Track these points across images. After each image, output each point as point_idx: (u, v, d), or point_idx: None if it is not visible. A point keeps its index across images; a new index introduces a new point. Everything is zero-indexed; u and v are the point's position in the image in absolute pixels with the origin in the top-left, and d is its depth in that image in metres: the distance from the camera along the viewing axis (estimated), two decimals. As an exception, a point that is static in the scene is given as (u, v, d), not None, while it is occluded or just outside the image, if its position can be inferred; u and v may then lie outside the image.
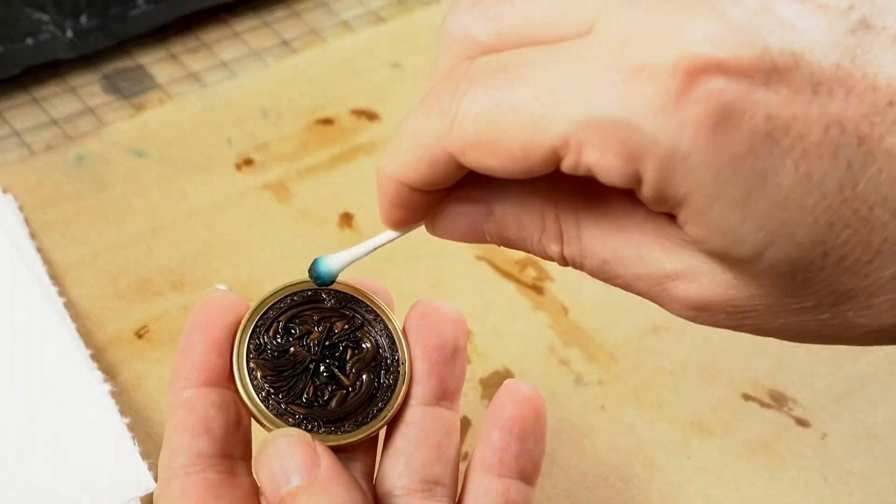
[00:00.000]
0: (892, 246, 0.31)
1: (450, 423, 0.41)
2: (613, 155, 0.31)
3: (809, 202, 0.30)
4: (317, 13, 0.73)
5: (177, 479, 0.37)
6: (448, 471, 0.40)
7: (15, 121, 0.65)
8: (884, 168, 0.30)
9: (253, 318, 0.40)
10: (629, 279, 0.35)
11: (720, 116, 0.30)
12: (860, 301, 0.32)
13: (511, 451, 0.40)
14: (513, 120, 0.32)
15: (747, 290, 0.33)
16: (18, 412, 0.50)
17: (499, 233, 0.36)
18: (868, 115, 0.30)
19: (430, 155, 0.34)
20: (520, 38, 0.33)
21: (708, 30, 0.30)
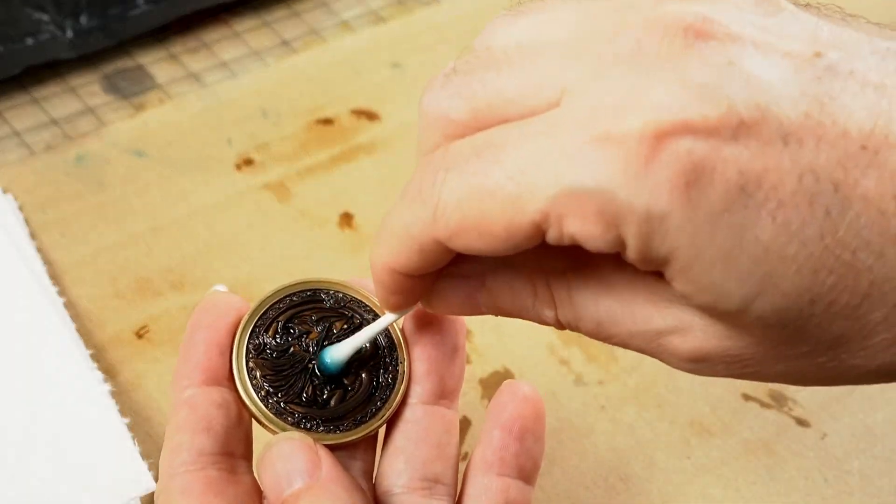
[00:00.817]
0: (879, 288, 0.31)
1: (449, 421, 0.41)
2: (593, 224, 0.31)
3: (791, 252, 0.30)
4: (317, 13, 0.73)
5: (178, 477, 0.38)
6: (448, 469, 0.40)
7: (15, 121, 0.65)
8: (861, 212, 0.30)
9: (252, 317, 0.40)
10: (625, 337, 0.35)
11: (692, 175, 0.30)
12: (854, 344, 0.32)
13: (511, 450, 0.40)
14: (492, 203, 0.32)
15: (741, 340, 0.33)
16: (18, 412, 0.50)
17: (493, 303, 0.37)
18: (841, 161, 0.30)
19: (419, 244, 0.34)
20: (493, 114, 0.33)
21: (672, 92, 0.30)
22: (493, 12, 0.75)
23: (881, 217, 0.30)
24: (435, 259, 0.35)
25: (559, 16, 0.34)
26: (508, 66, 0.33)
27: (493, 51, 0.34)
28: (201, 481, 0.37)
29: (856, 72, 0.31)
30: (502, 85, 0.33)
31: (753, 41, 0.31)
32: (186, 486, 0.37)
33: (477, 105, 0.34)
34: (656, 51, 0.31)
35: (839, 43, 0.32)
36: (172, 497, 0.37)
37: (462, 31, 0.71)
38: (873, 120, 0.30)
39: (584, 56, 0.32)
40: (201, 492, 0.37)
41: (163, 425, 0.52)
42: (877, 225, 0.30)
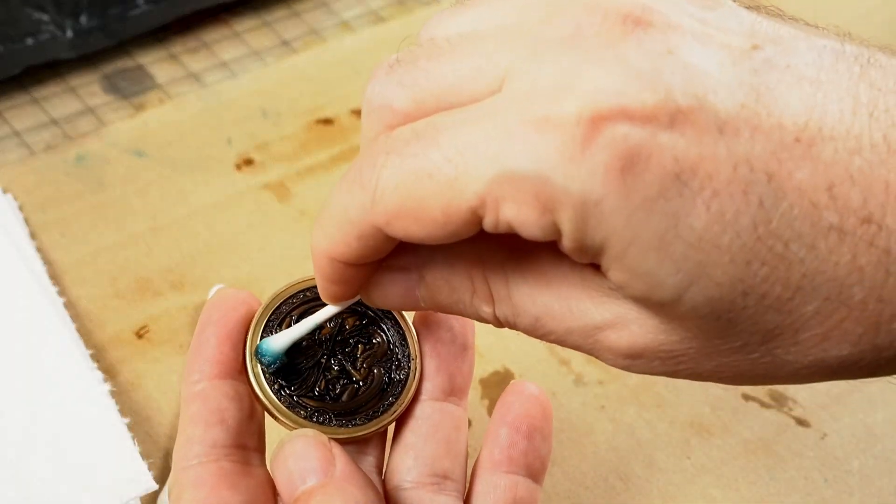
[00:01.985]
0: (810, 281, 0.31)
1: (458, 418, 0.41)
2: (529, 208, 0.31)
3: (724, 241, 0.30)
4: (317, 13, 0.73)
5: (191, 469, 0.38)
6: (457, 465, 0.40)
7: (15, 121, 0.65)
8: (795, 204, 0.30)
9: (266, 312, 0.40)
10: (562, 334, 0.35)
11: (627, 161, 0.30)
12: (787, 338, 0.32)
13: (519, 448, 0.40)
14: (430, 186, 0.32)
15: (675, 333, 0.33)
16: (18, 412, 0.50)
17: (431, 298, 0.37)
18: (776, 153, 0.30)
19: (358, 230, 0.34)
20: (436, 102, 0.33)
21: (610, 77, 0.30)
22: (493, 12, 0.75)
23: (813, 209, 0.30)
24: (374, 247, 0.35)
25: (501, 5, 0.34)
26: (450, 54, 0.33)
27: (435, 40, 0.34)
28: (214, 473, 0.38)
29: (792, 66, 0.31)
30: (444, 73, 0.33)
31: (692, 32, 0.31)
32: (199, 478, 0.37)
33: (419, 94, 0.34)
34: (595, 35, 0.31)
35: (777, 38, 0.32)
36: (185, 489, 0.37)
37: (462, 31, 0.71)
38: (808, 113, 0.30)
39: (523, 40, 0.32)
40: (214, 484, 0.37)
41: (163, 425, 0.52)
42: (809, 217, 0.30)
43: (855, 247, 0.30)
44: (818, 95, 0.31)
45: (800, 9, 0.72)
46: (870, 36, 0.33)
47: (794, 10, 0.35)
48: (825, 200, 0.30)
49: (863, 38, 0.33)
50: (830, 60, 0.31)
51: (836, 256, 0.30)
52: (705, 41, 0.31)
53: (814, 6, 0.75)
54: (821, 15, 0.71)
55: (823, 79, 0.31)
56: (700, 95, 0.30)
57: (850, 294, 0.31)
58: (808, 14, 0.33)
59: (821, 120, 0.30)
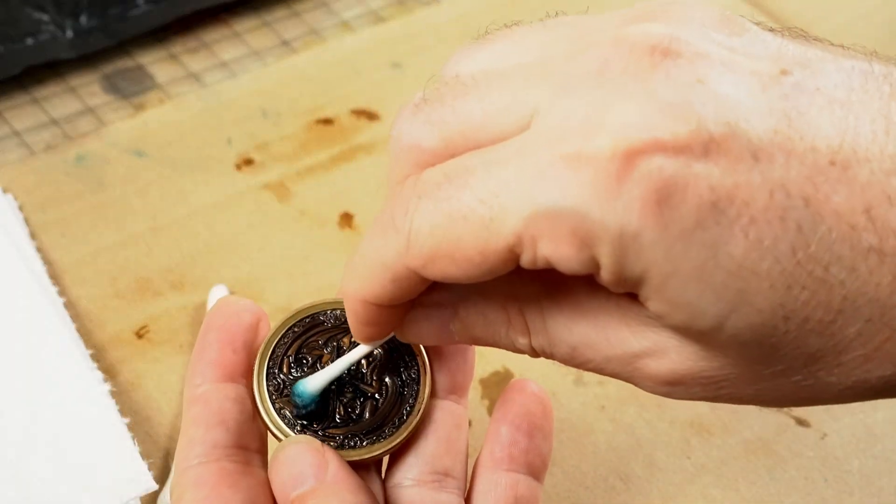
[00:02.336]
0: (852, 303, 0.31)
1: (459, 416, 0.41)
2: (567, 245, 0.31)
3: (764, 268, 0.30)
4: (317, 13, 0.73)
5: (191, 470, 0.38)
6: (458, 463, 0.40)
7: (15, 121, 0.65)
8: (833, 227, 0.30)
9: (263, 361, 0.40)
10: (600, 362, 0.35)
11: (663, 193, 0.30)
12: (829, 360, 0.32)
13: (520, 446, 0.40)
14: (465, 228, 0.32)
15: (716, 360, 0.33)
16: (18, 412, 0.50)
17: (466, 331, 0.37)
18: (811, 177, 0.30)
19: (392, 273, 0.34)
20: (464, 140, 0.33)
21: (641, 110, 0.30)
22: (492, 13, 0.76)
23: (852, 231, 0.30)
24: (408, 288, 0.35)
25: (526, 40, 0.34)
26: (476, 91, 0.33)
27: (461, 78, 0.34)
28: (215, 473, 0.38)
29: (822, 88, 0.31)
30: (471, 111, 0.33)
31: (721, 60, 0.31)
32: (200, 478, 0.38)
33: (448, 133, 0.34)
34: (623, 69, 0.31)
35: (804, 61, 0.32)
36: (186, 489, 0.38)
37: (462, 31, 0.71)
38: (841, 136, 0.30)
39: (551, 76, 0.32)
40: (214, 483, 0.37)
41: (163, 425, 0.52)
42: (848, 240, 0.30)
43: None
44: (850, 117, 0.31)
45: (801, 9, 0.72)
46: (870, 36, 0.33)
47: (795, 11, 0.35)
48: (863, 222, 0.30)
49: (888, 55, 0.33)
50: (860, 81, 0.31)
51: (877, 277, 0.30)
52: (734, 68, 0.31)
53: (814, 6, 0.75)
54: (821, 15, 0.71)
55: (854, 100, 0.31)
56: (732, 123, 0.30)
57: (892, 315, 0.31)
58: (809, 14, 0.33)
59: (854, 142, 0.30)
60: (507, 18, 0.74)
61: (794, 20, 0.72)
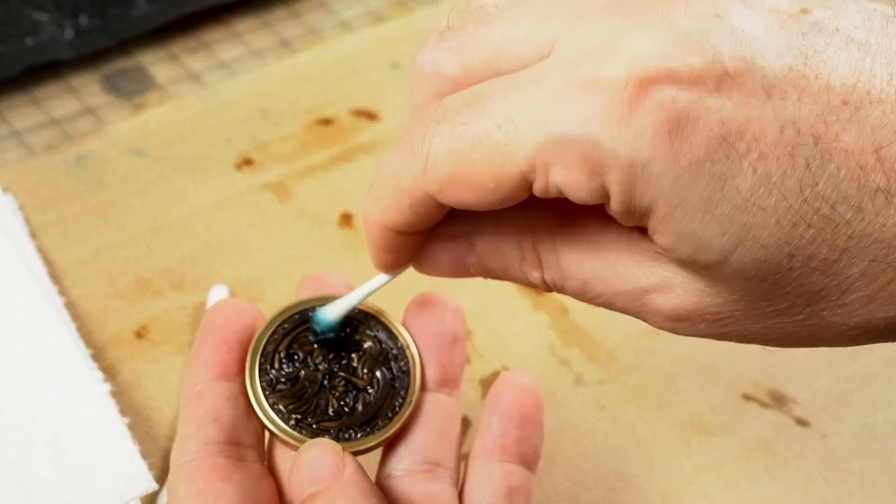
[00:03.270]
0: (857, 243, 0.31)
1: (451, 408, 0.41)
2: (578, 171, 0.31)
3: (770, 203, 0.31)
4: (317, 13, 0.73)
5: (185, 466, 0.38)
6: (450, 454, 0.41)
7: (15, 121, 0.65)
8: (841, 166, 0.30)
9: (255, 357, 0.40)
10: (610, 297, 0.35)
11: (675, 124, 0.30)
12: (833, 300, 0.32)
13: (512, 436, 0.41)
14: (480, 153, 0.32)
15: (721, 296, 0.33)
16: (18, 412, 0.50)
17: (481, 265, 0.37)
18: (822, 115, 0.30)
19: (410, 197, 0.35)
20: (485, 68, 0.34)
21: (657, 39, 0.31)
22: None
23: (860, 171, 0.30)
24: (426, 214, 0.35)
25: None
26: (499, 20, 0.34)
27: (484, 7, 0.35)
28: (208, 467, 0.38)
29: (841, 29, 0.31)
30: (493, 39, 0.34)
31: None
32: (193, 473, 0.38)
33: (469, 60, 0.34)
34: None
35: (826, 1, 0.32)
36: (180, 484, 0.38)
37: (462, 31, 0.71)
38: (856, 76, 0.30)
39: (571, 5, 0.33)
40: (207, 477, 0.38)
41: (163, 425, 0.52)
42: (856, 179, 0.30)
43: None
44: (867, 59, 0.31)
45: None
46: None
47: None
48: (872, 162, 0.30)
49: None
50: (880, 24, 0.31)
51: (883, 218, 0.30)
52: (753, 5, 0.31)
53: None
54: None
55: (872, 42, 0.31)
56: (748, 58, 0.30)
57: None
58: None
59: (869, 83, 0.30)
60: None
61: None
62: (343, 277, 0.43)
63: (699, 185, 0.30)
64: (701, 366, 0.56)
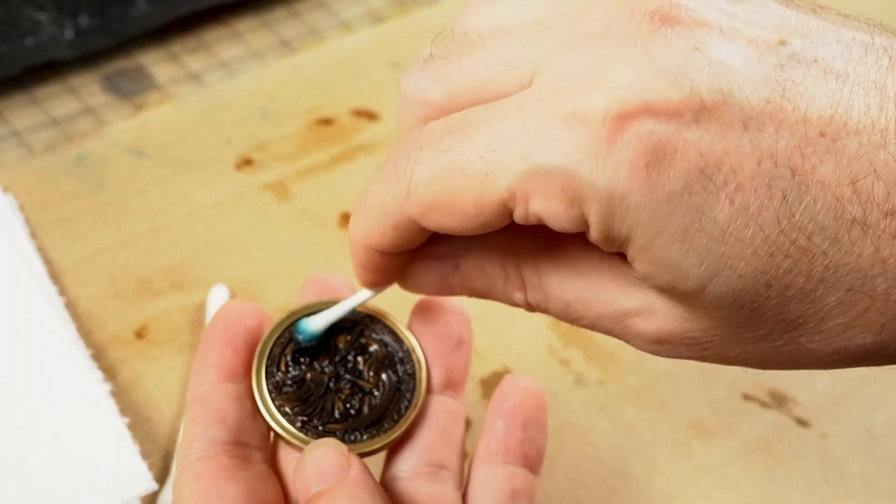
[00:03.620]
0: (833, 273, 0.31)
1: (455, 411, 0.42)
2: (558, 202, 0.32)
3: (747, 234, 0.31)
4: (317, 13, 0.73)
5: (190, 466, 0.38)
6: (454, 456, 0.41)
7: (15, 121, 0.65)
8: (818, 198, 0.30)
9: (261, 360, 0.41)
10: (593, 319, 0.36)
11: (652, 157, 0.30)
12: (810, 327, 0.33)
13: (515, 438, 0.41)
14: (462, 181, 0.33)
15: (700, 322, 0.34)
16: (18, 412, 0.50)
17: (466, 285, 0.38)
18: (799, 147, 0.30)
19: (394, 221, 0.35)
20: (468, 96, 0.34)
21: (636, 73, 0.31)
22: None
23: (836, 203, 0.30)
24: (409, 237, 0.36)
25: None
26: (482, 49, 0.34)
27: (468, 35, 0.35)
28: (212, 467, 0.38)
29: (819, 59, 0.31)
30: (476, 68, 0.34)
31: (720, 27, 0.32)
32: (198, 472, 0.38)
33: (453, 88, 0.34)
34: (623, 33, 0.32)
35: (805, 31, 0.32)
36: (185, 485, 0.38)
37: (462, 31, 0.71)
38: (833, 107, 0.31)
39: (553, 36, 0.33)
40: (211, 477, 0.38)
41: (163, 425, 0.52)
42: (832, 210, 0.31)
43: (878, 239, 0.31)
44: (845, 89, 0.31)
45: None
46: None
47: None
48: (849, 194, 0.30)
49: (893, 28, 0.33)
50: (859, 53, 0.32)
51: (860, 249, 0.31)
52: (732, 37, 0.32)
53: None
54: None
55: (851, 72, 0.31)
56: (725, 91, 0.31)
57: (873, 285, 0.31)
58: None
59: (846, 114, 0.31)
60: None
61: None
62: (346, 279, 0.43)
63: (677, 217, 0.31)
64: (701, 366, 0.56)
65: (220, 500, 0.37)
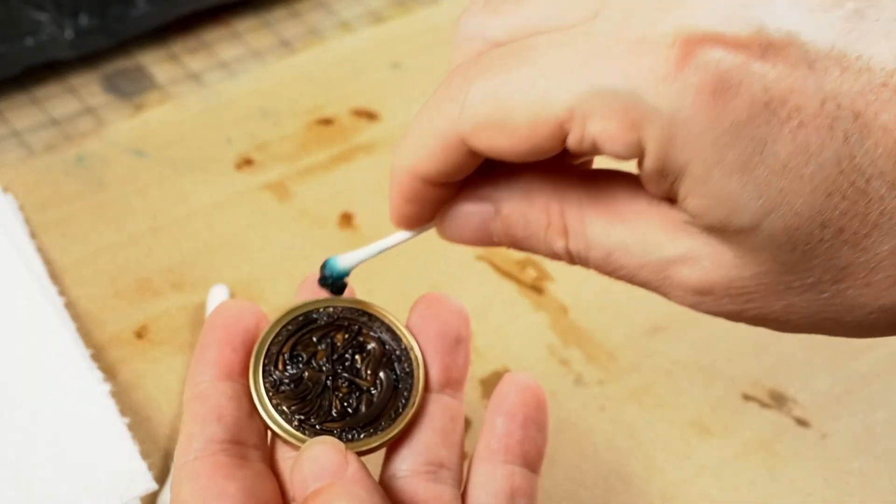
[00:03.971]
0: (889, 220, 0.31)
1: (454, 410, 0.41)
2: (617, 124, 0.32)
3: (807, 171, 0.31)
4: (317, 13, 0.73)
5: (188, 465, 0.38)
6: (453, 455, 0.41)
7: (15, 121, 0.65)
8: (879, 142, 0.31)
9: (258, 358, 0.41)
10: (633, 269, 0.35)
11: (718, 84, 0.31)
12: (859, 278, 0.33)
13: (515, 437, 0.40)
14: (520, 97, 0.33)
15: (748, 268, 0.33)
16: (18, 412, 0.50)
17: (506, 231, 0.37)
18: (863, 93, 0.31)
19: (443, 141, 0.35)
20: (529, 33, 0.34)
21: (707, 5, 0.31)
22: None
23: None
24: (457, 162, 0.35)
25: None
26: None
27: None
28: (210, 466, 0.38)
29: (881, 20, 0.32)
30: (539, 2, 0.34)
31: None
32: (196, 471, 0.38)
33: (513, 23, 0.34)
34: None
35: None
36: (183, 483, 0.38)
37: (462, 31, 0.71)
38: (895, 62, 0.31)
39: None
40: (209, 475, 0.38)
41: (163, 425, 0.52)
42: (892, 156, 0.31)
43: None
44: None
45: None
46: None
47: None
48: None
49: None
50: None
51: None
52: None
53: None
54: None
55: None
56: (792, 33, 0.31)
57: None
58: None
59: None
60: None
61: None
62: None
63: (738, 147, 0.31)
64: (701, 366, 0.56)
65: (218, 498, 0.37)
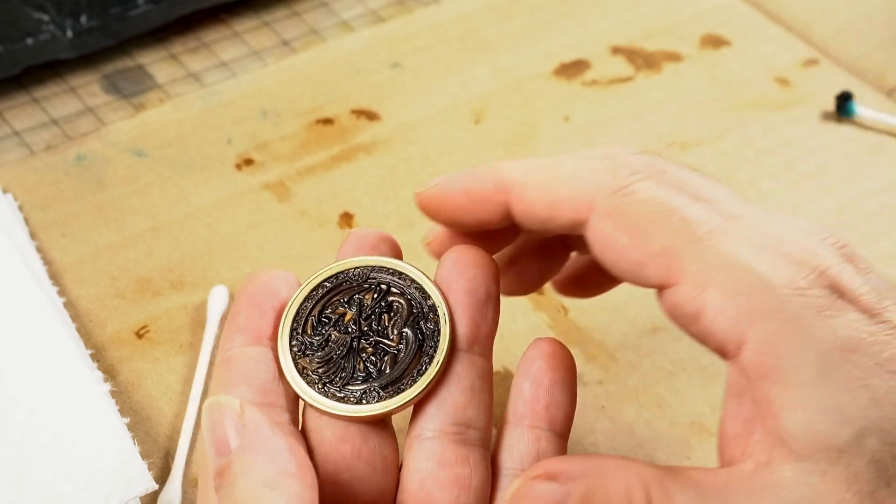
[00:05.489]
0: None
1: (483, 368, 0.40)
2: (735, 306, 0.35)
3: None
4: (317, 13, 0.73)
5: None
6: (482, 415, 0.40)
7: (15, 121, 0.65)
8: None
9: (287, 323, 0.40)
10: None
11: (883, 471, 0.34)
12: None
13: (541, 402, 0.40)
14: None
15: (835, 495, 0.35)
16: (18, 412, 0.50)
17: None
18: None
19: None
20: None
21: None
22: (492, 12, 0.75)
23: None
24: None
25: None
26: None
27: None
28: None
29: None
30: None
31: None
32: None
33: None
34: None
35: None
36: None
37: (462, 31, 0.71)
38: None
39: None
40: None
41: (163, 425, 0.52)
42: None
43: None
44: None
45: (801, 9, 0.71)
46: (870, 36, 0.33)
47: (795, 10, 0.35)
48: None
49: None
50: None
51: None
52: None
53: (814, 6, 0.75)
54: (821, 14, 0.71)
55: None
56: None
57: None
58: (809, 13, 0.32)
59: None
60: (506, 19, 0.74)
61: (795, 20, 0.72)
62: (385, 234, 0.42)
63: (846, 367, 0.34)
64: (701, 366, 0.56)
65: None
